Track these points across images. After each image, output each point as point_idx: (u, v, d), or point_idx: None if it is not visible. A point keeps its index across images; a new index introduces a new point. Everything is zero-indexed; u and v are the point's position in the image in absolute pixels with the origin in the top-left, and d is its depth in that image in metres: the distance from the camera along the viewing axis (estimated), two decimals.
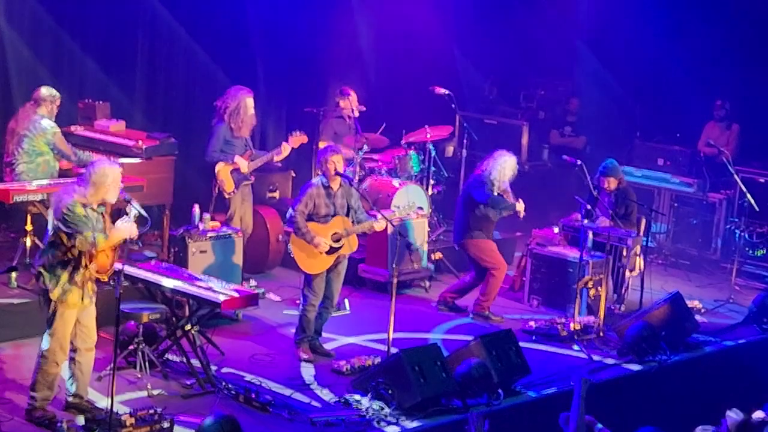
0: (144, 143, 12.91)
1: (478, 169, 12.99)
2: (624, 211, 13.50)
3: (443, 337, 12.31)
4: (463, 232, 12.99)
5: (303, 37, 15.77)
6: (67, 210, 9.04)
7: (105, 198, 9.24)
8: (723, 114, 16.40)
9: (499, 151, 13.05)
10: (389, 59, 16.95)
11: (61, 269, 9.17)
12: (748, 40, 16.39)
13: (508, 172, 12.91)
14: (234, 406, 9.82)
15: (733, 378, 12.14)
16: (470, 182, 13.02)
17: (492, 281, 12.92)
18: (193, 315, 10.52)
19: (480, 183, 12.82)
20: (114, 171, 9.30)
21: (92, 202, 9.18)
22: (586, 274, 12.82)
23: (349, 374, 10.80)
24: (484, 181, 12.80)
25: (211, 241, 12.15)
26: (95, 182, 9.17)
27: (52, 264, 9.17)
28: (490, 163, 12.86)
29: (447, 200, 15.59)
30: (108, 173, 9.23)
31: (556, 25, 17.71)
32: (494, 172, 12.81)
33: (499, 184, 12.84)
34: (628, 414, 10.98)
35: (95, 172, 9.19)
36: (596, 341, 12.34)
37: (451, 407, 10.17)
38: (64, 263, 9.16)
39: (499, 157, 12.89)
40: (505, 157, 12.92)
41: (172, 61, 14.82)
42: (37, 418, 9.32)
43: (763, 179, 15.47)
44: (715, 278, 15.33)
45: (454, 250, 13.78)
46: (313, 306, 11.34)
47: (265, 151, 13.25)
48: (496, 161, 12.86)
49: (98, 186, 9.17)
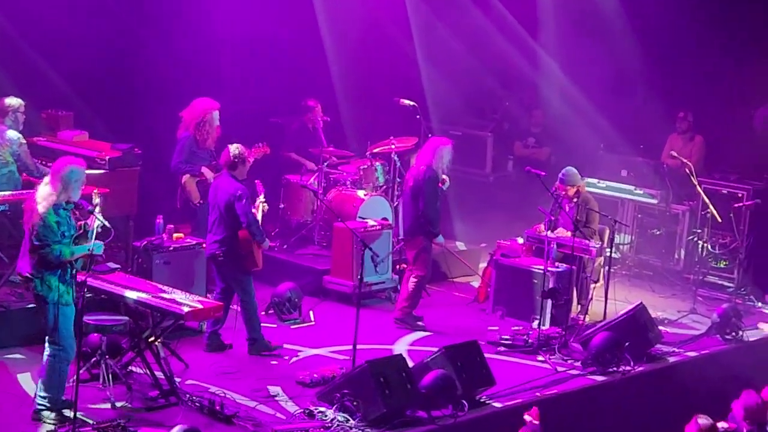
0: (107, 154, 12.84)
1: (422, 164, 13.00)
2: (585, 219, 13.55)
3: (408, 348, 12.30)
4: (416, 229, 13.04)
5: (268, 48, 15.75)
6: (41, 221, 9.13)
7: (71, 197, 9.29)
8: (686, 126, 16.47)
9: (433, 141, 13.18)
10: (354, 70, 16.94)
11: (49, 273, 9.24)
12: (712, 51, 16.48)
13: (446, 159, 13.01)
14: (198, 418, 9.77)
15: (697, 389, 12.18)
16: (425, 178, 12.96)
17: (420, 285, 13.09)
18: (157, 327, 10.47)
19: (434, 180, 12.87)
20: (80, 170, 9.45)
21: (62, 200, 9.24)
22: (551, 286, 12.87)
23: (314, 386, 10.78)
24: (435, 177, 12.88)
25: (176, 252, 12.11)
26: (63, 179, 9.27)
27: (39, 270, 9.20)
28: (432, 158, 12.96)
29: None
30: (75, 171, 9.38)
31: (519, 36, 17.75)
32: (437, 162, 12.91)
33: (442, 174, 13.03)
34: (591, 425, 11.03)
35: (63, 170, 9.30)
36: (560, 352, 12.37)
37: (416, 419, 10.16)
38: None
39: (438, 149, 12.99)
40: (441, 146, 13.04)
41: (136, 71, 14.76)
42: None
43: (726, 190, 15.54)
44: (679, 289, 15.39)
45: None
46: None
47: None
48: (435, 153, 12.96)
49: (66, 184, 9.28)
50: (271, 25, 15.73)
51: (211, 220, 11.68)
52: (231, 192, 11.45)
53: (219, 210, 11.53)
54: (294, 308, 12.94)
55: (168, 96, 14.02)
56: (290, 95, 15.81)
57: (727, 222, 15.09)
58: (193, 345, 11.66)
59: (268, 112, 15.56)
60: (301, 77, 16.27)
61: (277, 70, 15.97)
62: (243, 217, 11.44)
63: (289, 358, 11.74)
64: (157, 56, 14.71)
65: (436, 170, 12.92)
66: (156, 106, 14.07)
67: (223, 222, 11.53)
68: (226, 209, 11.47)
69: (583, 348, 12.29)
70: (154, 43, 14.72)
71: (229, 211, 11.46)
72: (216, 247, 11.59)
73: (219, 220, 11.56)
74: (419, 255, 13.04)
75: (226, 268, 11.65)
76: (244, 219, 11.44)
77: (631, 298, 14.25)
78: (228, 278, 11.72)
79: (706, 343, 13.28)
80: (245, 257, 11.55)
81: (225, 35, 15.34)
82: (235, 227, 11.48)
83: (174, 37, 14.79)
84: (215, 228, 11.60)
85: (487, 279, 13.96)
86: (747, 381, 10.26)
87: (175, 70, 14.65)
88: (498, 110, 18.73)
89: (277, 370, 11.38)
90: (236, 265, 11.61)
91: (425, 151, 13.10)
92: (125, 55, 14.75)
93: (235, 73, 15.42)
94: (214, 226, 11.62)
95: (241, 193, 11.45)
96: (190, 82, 14.26)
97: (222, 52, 15.36)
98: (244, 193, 11.50)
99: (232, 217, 11.47)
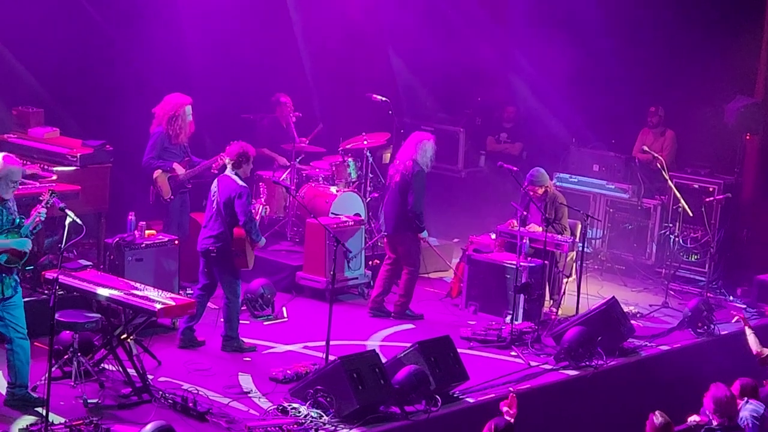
0: (78, 151, 12.77)
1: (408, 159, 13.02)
2: (554, 215, 13.59)
3: (381, 344, 12.31)
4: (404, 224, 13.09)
5: (240, 44, 15.70)
6: None
7: (2, 195, 9.37)
8: (657, 120, 16.53)
9: (416, 135, 13.26)
10: (326, 66, 16.92)
11: None
12: (683, 46, 16.53)
13: (429, 153, 13.09)
14: (171, 415, 9.74)
15: (669, 382, 12.25)
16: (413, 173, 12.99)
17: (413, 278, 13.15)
18: (129, 324, 10.44)
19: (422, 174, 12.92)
20: (14, 169, 9.54)
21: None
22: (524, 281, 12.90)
23: (287, 382, 10.77)
24: (423, 172, 12.91)
25: (148, 249, 12.08)
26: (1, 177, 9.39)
27: None
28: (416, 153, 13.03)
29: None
30: (8, 168, 9.45)
31: (491, 32, 17.76)
32: (421, 157, 12.98)
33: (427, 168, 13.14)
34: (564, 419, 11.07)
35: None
36: (533, 347, 12.40)
37: (390, 414, 10.17)
38: None
39: (421, 143, 13.07)
40: (424, 141, 13.11)
41: (107, 68, 14.69)
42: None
43: (697, 185, 15.62)
44: (650, 283, 15.46)
45: None
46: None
47: (203, 159, 13.18)
48: (418, 148, 13.02)
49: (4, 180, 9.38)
50: (243, 20, 15.68)
51: (207, 215, 11.66)
52: (232, 189, 11.47)
53: (218, 206, 11.52)
54: (267, 304, 12.93)
55: (140, 92, 13.96)
56: (262, 91, 15.77)
57: (699, 216, 15.16)
58: (166, 342, 11.64)
59: (240, 108, 15.51)
60: (272, 73, 16.23)
61: (249, 65, 15.92)
62: (242, 215, 11.46)
63: (262, 355, 11.72)
64: (128, 52, 14.64)
65: (422, 165, 12.96)
66: (127, 103, 14.01)
67: (220, 218, 11.52)
68: (225, 206, 11.47)
69: (556, 342, 12.32)
70: (125, 40, 14.65)
71: (228, 208, 11.46)
72: (210, 242, 11.57)
73: (216, 216, 11.55)
74: (410, 250, 13.09)
75: (218, 265, 11.63)
76: (242, 217, 11.46)
77: (604, 292, 14.31)
78: (217, 275, 11.70)
79: (678, 336, 13.35)
80: (237, 255, 11.54)
81: (196, 31, 15.28)
82: (231, 224, 11.48)
83: (145, 33, 14.72)
84: (211, 223, 11.60)
85: (460, 274, 13.98)
86: (719, 374, 10.31)
87: (146, 66, 14.58)
88: (470, 105, 18.74)
89: (250, 366, 11.36)
90: (228, 263, 11.60)
91: (408, 146, 13.14)
92: (96, 52, 14.66)
93: (206, 69, 15.36)
94: (210, 222, 11.61)
95: (242, 191, 11.49)
96: (161, 78, 14.20)
97: (193, 47, 15.29)
98: (245, 192, 11.53)
99: (230, 215, 11.47)
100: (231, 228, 11.50)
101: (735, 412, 9.42)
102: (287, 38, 16.55)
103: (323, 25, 16.71)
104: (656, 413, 8.89)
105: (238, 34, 15.67)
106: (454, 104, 18.71)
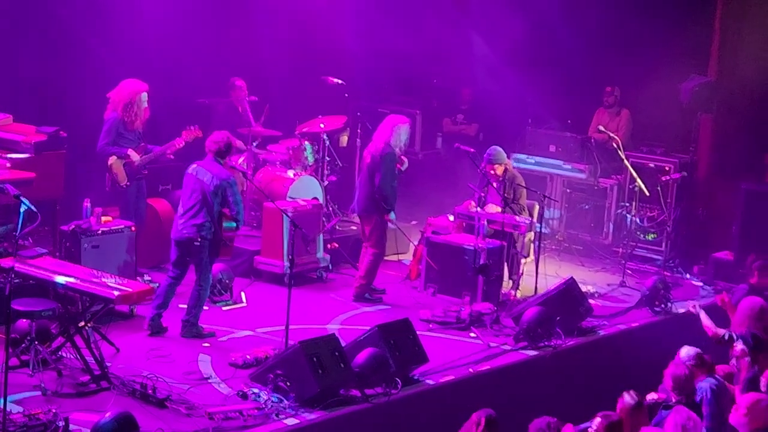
0: (32, 138, 12.67)
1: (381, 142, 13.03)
2: (512, 196, 13.62)
3: (341, 327, 12.30)
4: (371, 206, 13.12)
5: (194, 28, 15.60)
6: None
7: None
8: (612, 100, 16.61)
9: (392, 118, 13.27)
10: (281, 49, 16.84)
11: None
12: (638, 25, 16.58)
13: (404, 137, 13.13)
14: (131, 403, 9.69)
15: (628, 361, 12.31)
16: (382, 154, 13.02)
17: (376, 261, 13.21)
18: (87, 311, 10.38)
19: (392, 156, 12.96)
20: None
21: None
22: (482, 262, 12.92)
23: (247, 367, 10.74)
24: (393, 154, 12.97)
25: (104, 235, 12.00)
26: None
27: None
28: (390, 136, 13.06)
29: (342, 190, 15.59)
30: None
31: (447, 13, 17.75)
32: (395, 140, 13.02)
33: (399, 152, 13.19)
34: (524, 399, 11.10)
35: None
36: (492, 328, 12.43)
37: (350, 398, 10.18)
38: None
39: (396, 126, 13.09)
40: (399, 124, 13.13)
41: (61, 53, 14.56)
42: None
43: (653, 164, 15.71)
44: (608, 262, 15.54)
45: (350, 239, 13.78)
46: None
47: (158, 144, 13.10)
48: (393, 131, 13.06)
49: None
50: (197, 4, 15.59)
51: (187, 203, 11.54)
52: (223, 178, 11.41)
53: (204, 195, 11.42)
54: (225, 290, 12.88)
55: (94, 78, 13.86)
56: (217, 75, 15.69)
57: (655, 195, 15.27)
58: (124, 329, 11.57)
59: (195, 93, 15.42)
60: (227, 57, 16.16)
61: (204, 50, 15.83)
62: (235, 205, 11.43)
63: (222, 341, 11.69)
64: (82, 37, 14.51)
65: (394, 147, 12.97)
66: (82, 89, 13.90)
67: (206, 207, 11.43)
68: (212, 195, 11.38)
69: (515, 323, 12.36)
70: (79, 25, 14.52)
71: (216, 196, 11.39)
72: (194, 231, 11.45)
73: (201, 204, 11.45)
74: (374, 232, 13.14)
75: (200, 253, 11.54)
76: (235, 207, 11.44)
77: (561, 272, 14.37)
78: (195, 263, 11.63)
79: (635, 315, 13.43)
80: (226, 245, 11.53)
81: (151, 14, 15.15)
82: (217, 213, 11.43)
83: (99, 18, 14.61)
84: (194, 212, 11.45)
85: (419, 256, 13.99)
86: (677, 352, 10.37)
87: (100, 51, 14.47)
88: (426, 87, 18.74)
89: (210, 352, 11.32)
90: (210, 250, 11.54)
91: (383, 128, 13.16)
92: (50, 38, 14.53)
93: (161, 54, 15.25)
94: (192, 210, 11.47)
95: (233, 179, 11.49)
96: (115, 63, 14.10)
97: (148, 31, 15.16)
98: (235, 181, 11.56)
99: (217, 203, 11.41)
100: (218, 217, 11.44)
101: (693, 390, 9.49)
102: (242, 22, 16.46)
103: (278, 8, 16.63)
104: (629, 393, 8.92)
105: (193, 19, 15.57)
106: (411, 86, 18.69)
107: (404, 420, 10.43)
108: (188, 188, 11.57)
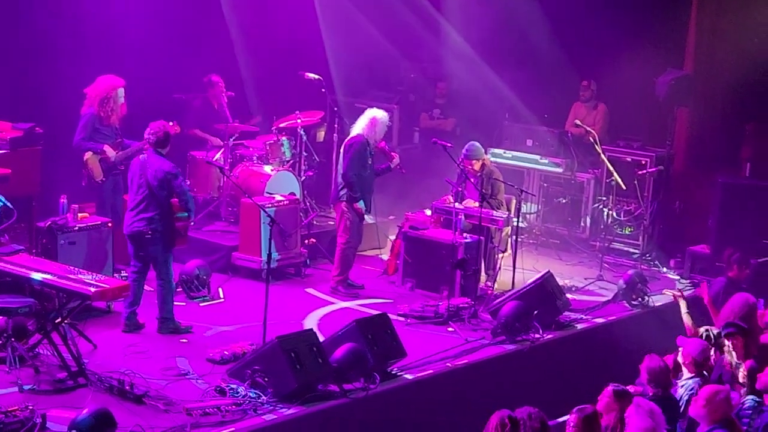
0: (8, 134, 12.62)
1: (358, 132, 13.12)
2: (490, 191, 13.64)
3: (318, 322, 12.30)
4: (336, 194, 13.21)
5: (171, 24, 15.54)
6: None
7: None
8: (589, 94, 16.64)
9: (371, 111, 13.36)
10: (258, 45, 16.81)
11: None
12: (614, 18, 16.59)
13: (379, 129, 13.21)
14: (108, 399, 9.68)
15: (605, 354, 12.35)
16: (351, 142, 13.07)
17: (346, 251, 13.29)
18: (63, 308, 10.34)
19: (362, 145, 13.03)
20: None
21: None
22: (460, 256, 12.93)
23: (225, 363, 10.72)
24: (364, 143, 13.05)
25: (81, 232, 11.96)
26: None
27: None
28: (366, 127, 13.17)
29: (320, 185, 15.58)
30: None
31: (423, 7, 17.73)
32: (369, 131, 13.10)
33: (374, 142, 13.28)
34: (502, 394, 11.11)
35: None
36: (470, 322, 12.44)
37: (328, 393, 10.18)
38: None
39: (373, 118, 13.22)
40: (376, 116, 13.22)
41: (36, 49, 14.50)
42: None
43: (630, 158, 15.74)
44: (585, 256, 15.56)
45: (327, 234, 13.77)
46: None
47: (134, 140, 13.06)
48: (369, 122, 13.19)
49: None
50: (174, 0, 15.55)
51: (136, 198, 11.50)
52: (166, 170, 11.40)
53: (150, 188, 11.38)
54: (203, 285, 12.86)
55: (70, 74, 13.79)
56: (193, 71, 15.64)
57: (632, 189, 15.30)
58: (101, 325, 11.54)
59: (171, 89, 15.37)
60: (204, 53, 16.11)
61: (180, 45, 15.77)
62: (183, 195, 11.44)
63: (199, 336, 11.67)
64: (57, 33, 14.43)
65: (368, 138, 13.00)
66: (58, 85, 13.84)
67: (154, 200, 11.40)
68: (159, 187, 11.35)
69: (493, 317, 12.38)
70: (54, 21, 14.45)
71: (163, 188, 11.36)
72: (144, 224, 11.42)
73: (149, 197, 11.41)
74: (342, 220, 13.17)
75: (153, 246, 11.52)
76: (184, 197, 11.43)
77: (539, 266, 14.39)
78: (150, 257, 11.60)
79: (613, 309, 13.46)
80: (180, 233, 11.52)
81: (126, 10, 15.11)
82: (167, 205, 11.40)
83: (74, 14, 14.55)
84: (143, 206, 11.43)
85: (396, 251, 13.99)
86: (654, 345, 10.41)
87: (76, 47, 14.39)
88: (403, 82, 18.74)
89: (187, 348, 11.31)
90: (164, 243, 11.51)
91: (361, 120, 13.25)
92: (24, 33, 14.47)
93: (136, 49, 15.20)
94: (142, 204, 11.44)
95: (177, 170, 11.50)
96: (92, 59, 14.04)
97: (123, 27, 15.10)
98: (179, 171, 11.56)
99: (165, 195, 11.38)
100: (169, 208, 11.41)
101: (669, 383, 9.52)
102: (218, 17, 16.41)
103: (254, 4, 16.59)
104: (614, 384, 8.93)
105: (170, 14, 15.51)
106: (388, 81, 18.68)
107: (383, 415, 10.43)
108: (134, 184, 11.58)
